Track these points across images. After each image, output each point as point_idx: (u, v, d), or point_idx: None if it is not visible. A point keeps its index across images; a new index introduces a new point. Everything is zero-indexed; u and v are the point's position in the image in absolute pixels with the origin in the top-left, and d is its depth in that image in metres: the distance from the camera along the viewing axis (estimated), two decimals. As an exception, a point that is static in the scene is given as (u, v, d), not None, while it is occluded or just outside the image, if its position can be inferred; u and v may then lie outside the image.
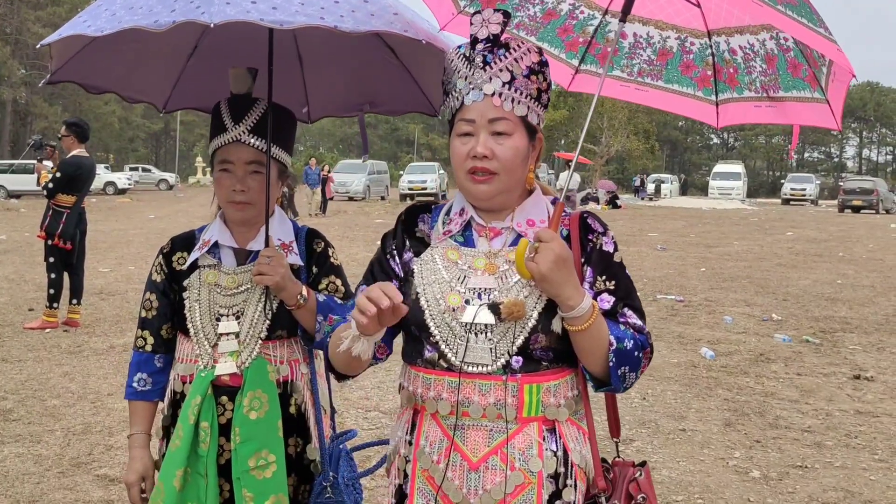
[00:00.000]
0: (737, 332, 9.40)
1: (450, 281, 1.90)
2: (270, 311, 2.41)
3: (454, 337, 1.87)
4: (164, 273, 2.51)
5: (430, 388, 1.91)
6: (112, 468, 4.99)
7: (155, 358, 2.51)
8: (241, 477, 2.34)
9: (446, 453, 1.88)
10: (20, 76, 55.56)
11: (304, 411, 2.50)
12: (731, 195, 51.69)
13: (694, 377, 7.39)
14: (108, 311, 10.10)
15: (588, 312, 1.80)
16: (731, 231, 24.46)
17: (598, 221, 1.96)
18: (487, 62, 1.88)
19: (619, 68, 2.39)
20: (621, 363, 1.83)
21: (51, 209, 8.92)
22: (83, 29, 2.04)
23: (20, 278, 12.65)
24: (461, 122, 1.91)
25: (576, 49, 2.41)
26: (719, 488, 4.89)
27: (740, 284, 13.14)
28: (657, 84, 2.36)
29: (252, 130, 2.39)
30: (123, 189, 45.68)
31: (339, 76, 2.90)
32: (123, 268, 13.95)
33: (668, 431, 5.90)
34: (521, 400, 1.85)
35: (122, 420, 5.82)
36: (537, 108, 1.91)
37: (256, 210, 2.44)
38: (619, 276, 1.92)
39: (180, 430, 2.36)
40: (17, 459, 5.13)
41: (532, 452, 1.85)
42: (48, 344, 8.27)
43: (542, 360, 1.87)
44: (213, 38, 2.67)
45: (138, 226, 23.07)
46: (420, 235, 2.04)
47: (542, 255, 1.78)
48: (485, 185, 1.89)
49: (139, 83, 2.80)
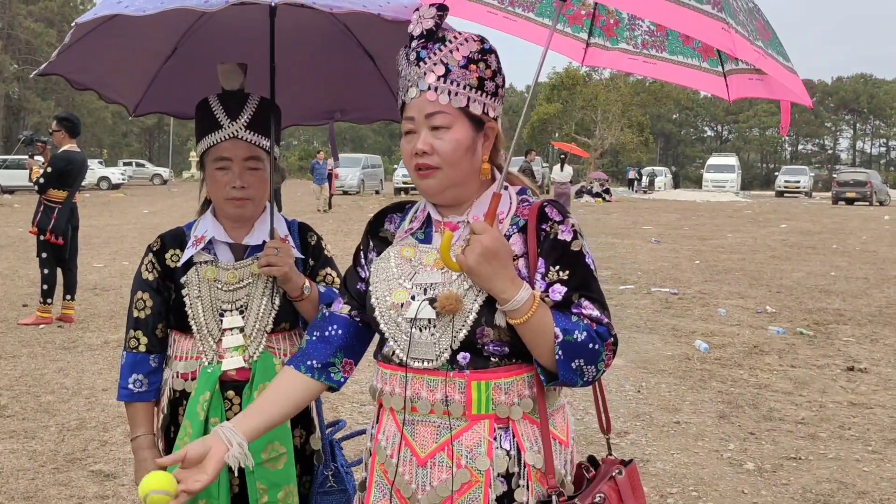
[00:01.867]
0: (731, 325, 9.42)
1: (398, 277, 1.90)
2: (276, 303, 2.41)
3: (400, 332, 1.87)
4: (158, 271, 2.47)
5: (386, 383, 1.92)
6: (107, 464, 4.98)
7: (150, 358, 2.48)
8: (254, 470, 2.33)
9: (398, 448, 1.89)
10: (12, 71, 55.41)
11: None
12: (725, 188, 51.82)
13: (688, 370, 7.41)
14: (102, 306, 10.08)
15: (526, 305, 1.76)
16: (725, 223, 24.52)
17: (556, 210, 1.89)
18: (421, 58, 1.88)
19: (623, 41, 2.31)
20: (572, 356, 1.76)
21: (42, 204, 8.90)
22: (120, 9, 1.99)
23: (14, 274, 12.62)
24: (404, 121, 1.91)
25: (580, 22, 2.34)
26: (713, 480, 4.91)
27: (734, 277, 13.17)
28: (663, 56, 2.27)
29: (248, 126, 2.39)
30: (117, 184, 45.59)
31: (311, 84, 2.90)
32: (117, 263, 13.93)
33: (663, 424, 5.91)
34: (469, 397, 1.82)
35: (117, 416, 5.82)
36: (481, 96, 1.88)
37: (255, 205, 2.44)
38: (574, 266, 1.84)
39: (189, 427, 2.34)
40: (11, 455, 5.13)
41: (480, 451, 1.83)
42: (42, 339, 8.27)
43: (494, 355, 1.83)
44: (192, 43, 2.66)
45: (132, 221, 23.03)
46: (383, 235, 2.05)
47: (470, 247, 1.76)
48: (429, 180, 1.88)
49: (117, 83, 2.78)
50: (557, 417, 1.94)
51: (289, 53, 2.77)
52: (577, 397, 5.94)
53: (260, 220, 2.48)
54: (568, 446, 1.95)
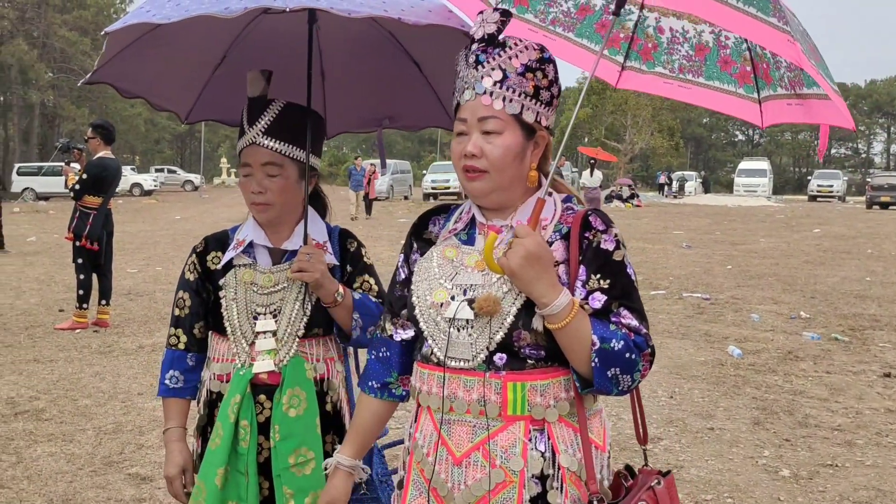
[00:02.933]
0: (764, 330, 9.33)
1: (439, 277, 1.93)
2: (308, 308, 2.42)
3: (439, 332, 1.90)
4: (198, 272, 2.53)
5: (424, 382, 1.95)
6: (143, 467, 5.04)
7: (188, 356, 2.53)
8: (282, 474, 2.36)
9: (435, 447, 1.91)
10: (48, 79, 56.18)
11: (339, 409, 2.52)
12: (757, 192, 51.32)
13: (721, 375, 7.35)
14: (136, 311, 10.20)
15: (564, 310, 1.77)
16: (758, 228, 24.29)
17: (601, 219, 1.91)
18: (480, 62, 1.90)
19: (660, 64, 2.33)
20: (608, 364, 1.77)
21: (78, 211, 9.02)
22: (148, 17, 2.04)
23: (50, 279, 12.80)
24: (457, 122, 1.94)
25: (618, 45, 2.36)
26: (749, 487, 4.86)
27: (767, 282, 13.04)
28: (699, 81, 2.29)
29: (266, 132, 2.40)
30: (149, 190, 46.09)
31: (360, 92, 2.92)
32: (151, 268, 14.08)
33: (696, 430, 5.87)
34: (505, 398, 1.84)
35: (153, 419, 5.89)
36: (535, 105, 1.90)
37: (277, 211, 2.45)
38: (615, 276, 1.86)
39: (220, 428, 2.38)
40: (50, 458, 5.20)
41: (515, 451, 1.84)
42: (79, 344, 8.37)
43: (530, 358, 1.85)
44: (240, 51, 2.71)
45: (165, 227, 23.26)
46: (427, 237, 2.08)
47: (513, 250, 1.78)
48: (476, 183, 1.90)
49: (167, 91, 2.83)
50: (594, 422, 1.95)
51: (337, 61, 2.81)
52: (609, 402, 5.91)
53: (300, 224, 2.50)
54: (605, 451, 1.95)
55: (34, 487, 4.74)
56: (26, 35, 55.66)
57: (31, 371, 7.32)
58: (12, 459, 5.17)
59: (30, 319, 9.65)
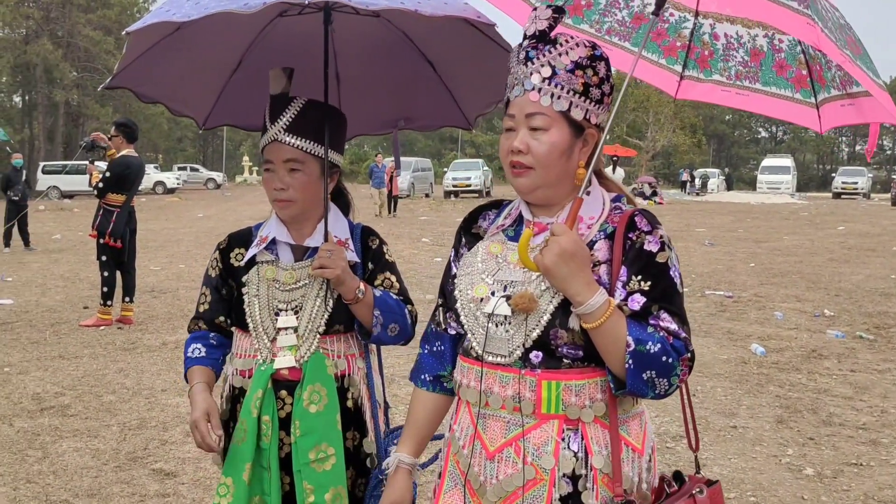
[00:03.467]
0: (788, 328, 9.27)
1: (482, 272, 1.95)
2: (329, 305, 2.43)
3: (478, 326, 1.92)
4: (219, 269, 2.55)
5: (464, 376, 1.97)
6: (167, 462, 5.08)
7: (210, 335, 2.53)
8: (302, 469, 2.37)
9: (470, 440, 1.93)
10: (72, 78, 56.67)
11: (360, 405, 2.52)
12: (781, 189, 50.95)
13: (744, 373, 7.31)
14: (160, 308, 10.27)
15: (600, 310, 1.76)
16: (781, 226, 24.12)
17: (646, 220, 1.89)
18: (529, 58, 1.90)
19: (717, 72, 2.30)
20: (643, 367, 1.76)
21: (101, 208, 9.10)
22: (168, 17, 2.06)
23: (75, 276, 12.92)
24: (505, 118, 1.95)
25: (675, 54, 2.33)
26: (772, 486, 4.83)
27: (791, 280, 12.95)
28: (756, 87, 2.26)
29: (288, 129, 2.41)
30: (172, 188, 46.39)
31: (375, 94, 2.93)
32: (174, 266, 14.18)
33: (719, 428, 5.84)
34: (539, 395, 1.84)
35: (176, 416, 5.93)
36: (584, 102, 1.89)
37: (299, 207, 2.46)
38: (657, 278, 1.83)
39: (244, 424, 2.39)
40: (75, 454, 5.25)
41: (547, 449, 1.84)
42: (103, 341, 8.45)
43: (567, 357, 1.84)
44: (256, 55, 2.72)
45: (187, 225, 23.40)
46: (475, 231, 2.09)
47: (548, 248, 1.79)
48: (522, 179, 1.91)
49: (185, 96, 2.85)
50: (633, 424, 1.93)
51: (352, 64, 2.82)
52: (647, 403, 5.89)
53: (322, 221, 2.51)
54: (643, 454, 1.92)
55: (60, 482, 4.79)
56: (51, 35, 56.20)
57: (57, 367, 7.39)
58: (38, 454, 5.23)
59: (55, 316, 9.75)
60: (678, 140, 55.97)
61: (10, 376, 7.08)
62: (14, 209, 16.55)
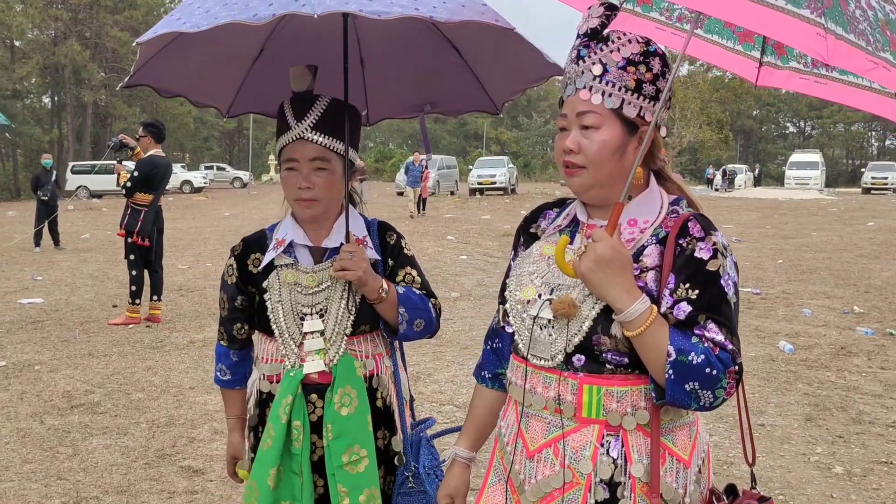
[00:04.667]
0: (816, 325, 9.18)
1: (531, 274, 1.94)
2: (354, 306, 2.42)
3: (524, 327, 1.92)
4: (236, 276, 2.53)
5: (513, 374, 1.98)
6: (195, 460, 5.12)
7: (230, 353, 2.59)
8: (336, 472, 2.37)
9: (514, 438, 1.94)
10: (100, 79, 57.26)
11: (389, 404, 2.53)
12: (809, 185, 50.45)
13: (772, 371, 7.25)
14: (187, 306, 10.35)
15: (641, 318, 1.73)
16: (809, 222, 23.88)
17: (700, 226, 1.82)
18: (581, 56, 1.88)
19: (793, 59, 2.19)
20: (685, 378, 1.70)
21: (129, 208, 9.18)
22: (178, 26, 2.07)
23: (103, 275, 13.05)
24: (559, 117, 1.93)
25: (751, 39, 2.28)
26: (801, 484, 4.79)
27: (819, 276, 12.82)
28: (833, 76, 2.14)
29: (314, 127, 2.39)
30: (199, 187, 46.73)
31: (400, 78, 2.92)
32: (201, 264, 14.28)
33: (747, 426, 5.78)
34: (580, 399, 1.83)
35: (204, 413, 5.98)
36: (637, 99, 1.85)
37: (323, 207, 2.44)
38: (706, 286, 1.76)
39: (271, 429, 2.39)
40: (105, 451, 5.31)
41: (585, 454, 1.83)
42: (132, 339, 8.53)
43: (611, 363, 1.81)
44: (278, 43, 2.72)
45: (214, 223, 23.56)
46: (533, 231, 2.08)
47: (585, 254, 1.76)
48: (575, 178, 1.89)
49: (207, 87, 2.85)
50: (680, 434, 1.88)
51: (375, 48, 2.81)
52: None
53: (338, 222, 2.49)
54: (689, 466, 1.87)
55: (90, 479, 4.85)
56: (79, 36, 56.82)
57: (87, 365, 7.48)
58: (69, 451, 5.29)
59: (84, 315, 9.86)
60: (705, 136, 55.51)
61: (41, 374, 7.17)
62: (44, 209, 16.76)
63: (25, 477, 4.88)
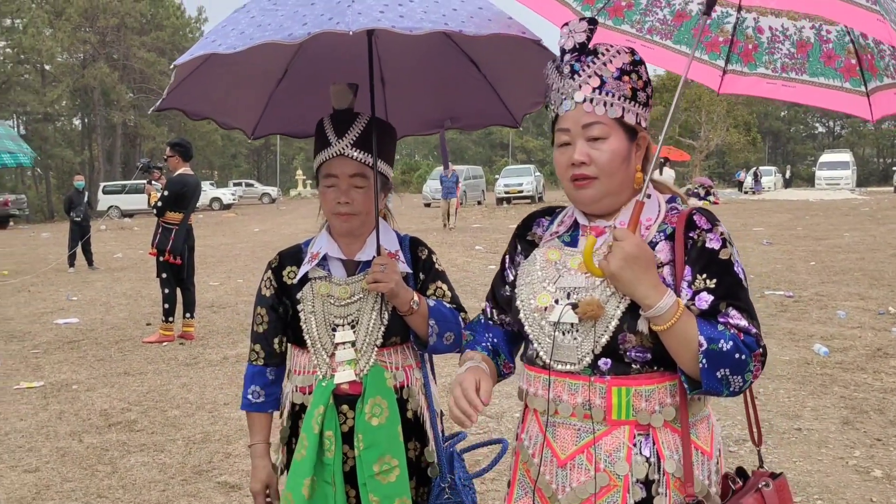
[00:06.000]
0: (851, 327, 9.07)
1: (542, 281, 1.95)
2: (385, 318, 2.46)
3: (543, 335, 1.92)
4: (274, 288, 2.58)
5: (531, 385, 1.98)
6: (231, 475, 5.16)
7: (267, 371, 2.60)
8: (367, 482, 2.39)
9: (540, 449, 1.93)
10: (128, 100, 58.03)
11: (419, 415, 2.55)
12: (840, 185, 49.88)
13: (807, 374, 7.18)
14: (219, 323, 10.45)
15: (670, 311, 1.77)
16: (841, 222, 23.61)
17: (706, 218, 1.90)
18: (575, 71, 1.92)
19: (762, 65, 2.30)
20: (717, 365, 1.75)
21: (160, 227, 9.29)
22: (214, 48, 2.10)
23: (137, 294, 13.20)
24: (558, 133, 1.95)
25: (717, 49, 2.34)
26: (839, 489, 4.74)
27: (853, 277, 12.67)
28: (802, 78, 2.25)
29: (354, 144, 2.44)
30: (228, 204, 47.10)
31: (420, 94, 2.95)
32: (232, 281, 14.40)
33: (783, 431, 5.75)
34: (610, 402, 1.85)
35: (239, 429, 6.03)
36: (634, 107, 1.92)
37: (360, 221, 2.49)
38: (722, 275, 1.83)
39: (304, 440, 2.42)
40: (142, 468, 5.37)
41: (619, 456, 1.85)
42: (166, 356, 8.62)
43: (636, 362, 1.85)
44: (301, 64, 2.76)
45: (244, 239, 23.74)
46: (531, 239, 2.11)
47: (613, 253, 1.80)
48: (587, 190, 1.92)
49: (232, 109, 2.89)
50: (701, 427, 1.93)
51: (396, 66, 2.84)
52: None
53: (371, 235, 2.53)
54: (711, 457, 1.93)
55: (129, 496, 4.91)
56: (107, 58, 57.70)
57: (123, 383, 7.57)
58: (108, 469, 5.36)
59: (119, 333, 9.98)
60: (732, 138, 55.15)
61: (79, 393, 7.27)
62: (77, 230, 17.01)
63: (66, 496, 4.95)
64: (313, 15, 2.01)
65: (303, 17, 2.02)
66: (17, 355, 8.82)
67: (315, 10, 2.03)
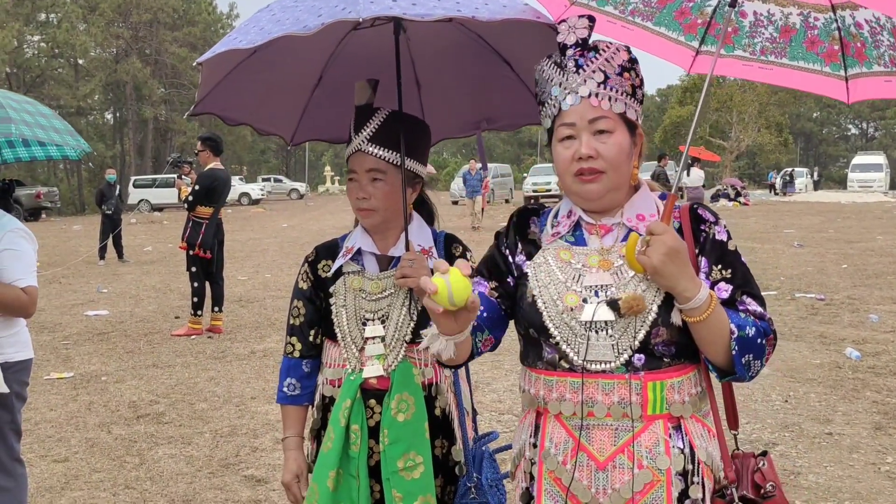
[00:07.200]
0: (884, 331, 8.95)
1: (565, 281, 1.92)
2: (415, 313, 2.45)
3: (574, 336, 1.88)
4: (310, 281, 2.59)
5: (552, 390, 1.93)
6: (258, 469, 5.18)
7: (303, 363, 2.60)
8: (391, 478, 2.39)
9: (572, 454, 1.90)
10: (160, 95, 58.52)
11: (448, 413, 2.53)
12: (873, 187, 49.28)
13: (839, 378, 7.09)
14: (247, 317, 10.50)
15: (706, 303, 1.79)
16: (874, 225, 23.32)
17: (708, 212, 1.96)
18: (580, 66, 1.92)
19: (740, 48, 2.32)
20: (744, 351, 1.82)
21: (190, 221, 9.34)
22: (235, 44, 2.12)
23: (166, 287, 13.31)
24: (562, 127, 1.93)
25: (695, 31, 2.35)
26: (871, 495, 4.67)
27: (886, 281, 12.50)
28: (781, 62, 2.28)
29: (371, 139, 2.44)
30: (257, 199, 47.33)
31: (455, 97, 2.94)
32: (260, 275, 14.47)
33: (814, 435, 5.67)
34: (646, 398, 1.86)
35: (266, 423, 6.05)
36: (633, 103, 1.94)
37: (381, 216, 2.49)
38: (734, 265, 1.91)
39: (331, 432, 2.43)
40: (170, 460, 5.40)
41: (660, 450, 1.85)
42: (194, 350, 8.68)
43: (665, 356, 1.86)
44: (336, 69, 2.76)
45: (272, 235, 23.86)
46: (532, 237, 2.07)
47: (654, 247, 1.78)
48: (594, 185, 1.90)
49: (270, 116, 2.90)
50: (711, 416, 1.99)
51: (430, 69, 2.84)
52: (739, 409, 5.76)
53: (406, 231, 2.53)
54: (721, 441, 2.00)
55: (157, 488, 4.94)
56: (140, 53, 58.24)
57: (151, 376, 7.63)
58: (136, 461, 5.40)
59: (148, 326, 10.06)
60: (763, 139, 54.62)
61: (108, 385, 7.34)
62: (108, 223, 17.18)
63: (94, 486, 4.99)
64: (328, 6, 2.02)
65: (318, 10, 2.03)
66: (47, 346, 8.91)
67: (331, 2, 2.04)
